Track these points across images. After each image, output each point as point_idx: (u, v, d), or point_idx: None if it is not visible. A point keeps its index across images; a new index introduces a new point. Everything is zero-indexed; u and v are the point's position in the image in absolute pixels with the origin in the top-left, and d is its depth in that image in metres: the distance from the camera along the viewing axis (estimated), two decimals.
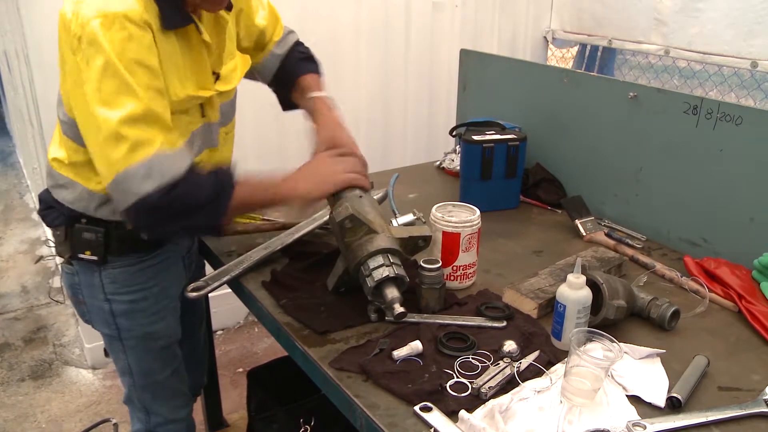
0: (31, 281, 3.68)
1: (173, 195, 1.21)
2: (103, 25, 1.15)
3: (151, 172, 1.19)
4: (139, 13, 1.19)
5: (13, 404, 2.63)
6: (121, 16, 1.16)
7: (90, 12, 1.16)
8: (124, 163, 1.18)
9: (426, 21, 3.11)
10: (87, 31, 1.15)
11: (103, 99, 1.17)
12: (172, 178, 1.21)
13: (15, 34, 2.68)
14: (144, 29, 1.19)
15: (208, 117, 1.43)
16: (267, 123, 2.64)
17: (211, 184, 1.28)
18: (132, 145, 1.18)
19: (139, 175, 1.19)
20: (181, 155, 1.25)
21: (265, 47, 1.66)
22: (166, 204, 1.22)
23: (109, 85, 1.16)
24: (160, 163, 1.20)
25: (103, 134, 1.18)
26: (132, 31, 1.17)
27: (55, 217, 1.45)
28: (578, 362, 1.08)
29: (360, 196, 1.39)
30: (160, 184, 1.20)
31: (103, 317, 1.51)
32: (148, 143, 1.19)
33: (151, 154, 1.19)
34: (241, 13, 1.55)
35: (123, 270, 1.47)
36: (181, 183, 1.22)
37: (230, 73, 1.49)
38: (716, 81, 2.98)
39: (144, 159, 1.18)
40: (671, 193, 1.77)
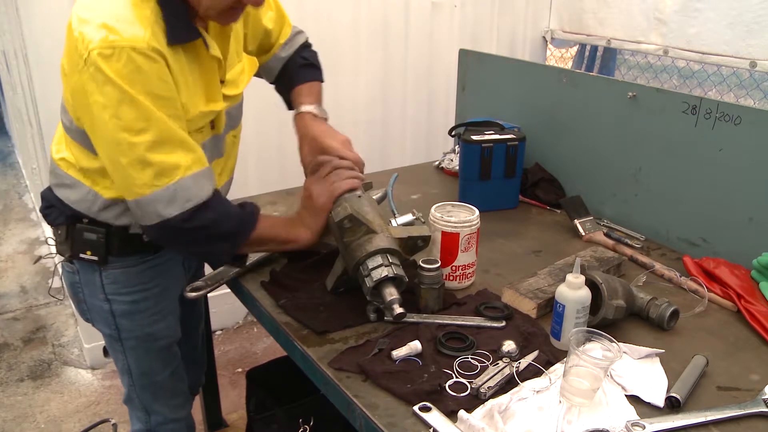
0: (30, 281, 3.67)
1: (197, 221, 1.25)
2: (111, 57, 1.13)
3: (175, 197, 1.22)
4: (146, 41, 1.15)
5: (12, 404, 2.63)
6: (128, 48, 1.13)
7: (96, 40, 1.13)
8: (149, 189, 1.21)
9: (425, 21, 3.11)
10: (94, 59, 1.13)
11: (124, 126, 1.17)
12: (196, 203, 1.24)
13: (14, 34, 2.67)
14: (153, 59, 1.16)
15: (217, 129, 1.43)
16: (267, 122, 2.64)
17: (238, 217, 1.33)
18: (158, 172, 1.20)
19: (164, 200, 1.22)
20: (205, 178, 1.27)
21: (270, 50, 1.65)
22: (188, 228, 1.26)
23: (127, 112, 1.16)
24: (184, 188, 1.23)
25: (128, 159, 1.19)
26: (140, 63, 1.15)
27: (56, 216, 1.44)
28: (577, 362, 1.08)
29: (359, 196, 1.39)
30: (184, 209, 1.23)
31: (103, 317, 1.51)
32: (173, 168, 1.21)
33: (177, 179, 1.22)
34: (249, 15, 1.54)
35: (124, 270, 1.46)
36: (205, 209, 1.26)
37: (237, 77, 1.47)
38: (715, 81, 2.98)
39: (169, 184, 1.21)
40: (670, 193, 1.77)
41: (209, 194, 1.27)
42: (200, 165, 1.26)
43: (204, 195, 1.26)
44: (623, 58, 3.50)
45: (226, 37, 1.40)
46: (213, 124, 1.42)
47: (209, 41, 1.31)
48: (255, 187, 2.49)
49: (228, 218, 1.31)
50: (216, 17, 1.28)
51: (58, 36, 1.27)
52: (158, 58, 1.18)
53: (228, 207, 1.34)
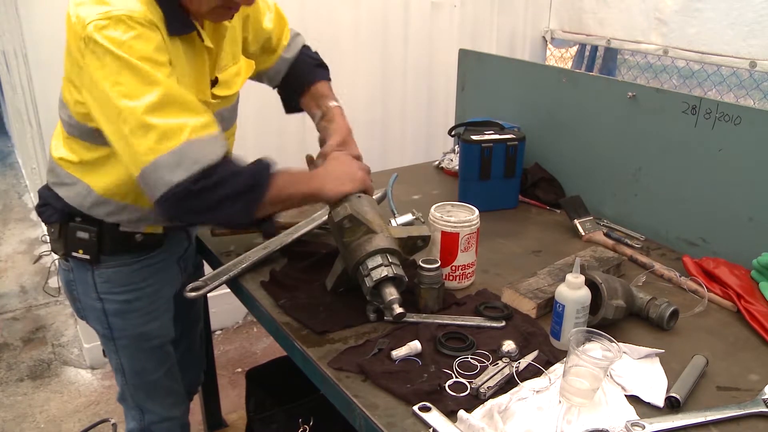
0: (29, 281, 3.67)
1: (208, 183, 1.18)
2: (108, 27, 1.14)
3: (182, 160, 1.16)
4: (143, 13, 1.17)
5: (12, 404, 2.63)
6: (125, 17, 1.15)
7: (93, 14, 1.15)
8: (153, 154, 1.15)
9: (425, 21, 3.11)
10: (93, 33, 1.14)
11: (124, 92, 1.15)
12: (205, 165, 1.18)
13: (14, 33, 2.67)
14: (151, 28, 1.18)
15: None
16: (267, 123, 2.64)
17: (250, 172, 1.25)
18: (161, 134, 1.15)
19: (170, 165, 1.16)
20: (215, 141, 1.21)
21: (274, 51, 1.65)
22: (199, 192, 1.18)
23: (127, 77, 1.14)
24: (191, 150, 1.16)
25: (130, 126, 1.15)
26: (140, 31, 1.16)
27: (50, 214, 1.45)
28: (577, 362, 1.08)
29: (359, 197, 1.39)
30: (192, 172, 1.16)
31: (96, 315, 1.52)
32: (177, 130, 1.16)
33: (182, 142, 1.16)
34: (248, 18, 1.54)
35: (116, 270, 1.46)
36: (215, 171, 1.19)
37: (232, 78, 1.48)
38: (715, 81, 2.98)
39: (174, 147, 1.15)
40: (670, 193, 1.77)
41: (219, 157, 1.20)
42: (209, 129, 1.21)
43: (213, 157, 1.19)
44: (623, 58, 3.50)
45: (220, 36, 1.41)
46: None
47: (203, 34, 1.32)
48: None
49: (239, 176, 1.23)
50: (207, 15, 1.29)
51: (58, 36, 1.27)
52: (155, 29, 1.19)
53: (238, 166, 1.26)
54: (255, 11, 1.56)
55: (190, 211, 1.23)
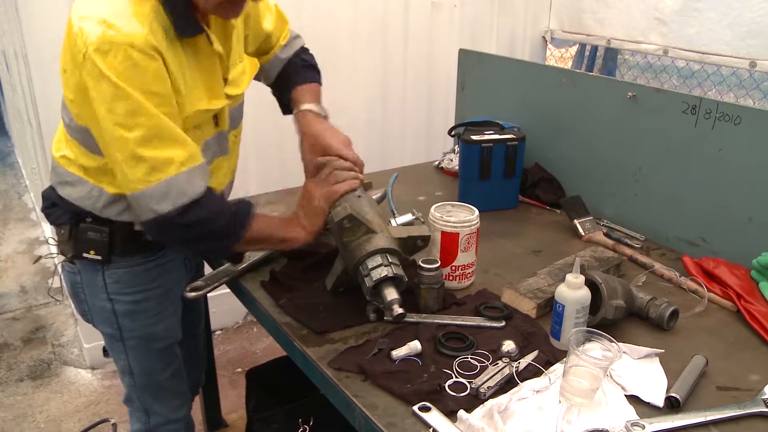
0: (29, 281, 3.67)
1: (190, 217, 1.25)
2: (108, 54, 1.14)
3: (168, 192, 1.22)
4: (144, 37, 1.16)
5: (12, 404, 2.63)
6: (126, 45, 1.14)
7: (94, 36, 1.14)
8: (143, 185, 1.21)
9: (425, 21, 3.11)
10: (91, 55, 1.14)
11: (117, 121, 1.17)
12: (189, 199, 1.24)
13: (14, 33, 2.68)
14: (150, 56, 1.17)
15: (221, 126, 1.44)
16: (266, 122, 2.64)
17: (230, 212, 1.32)
18: (150, 167, 1.20)
19: (156, 196, 1.22)
20: (199, 175, 1.26)
21: (270, 51, 1.65)
22: (182, 224, 1.25)
23: (120, 107, 1.16)
24: (178, 183, 1.22)
25: (123, 154, 1.20)
26: (137, 60, 1.16)
27: (59, 215, 1.44)
28: (577, 362, 1.08)
29: (359, 197, 1.39)
30: (176, 205, 1.23)
31: (105, 317, 1.51)
32: (167, 163, 1.21)
33: (170, 176, 1.21)
34: (249, 17, 1.54)
35: (127, 270, 1.46)
36: (198, 206, 1.25)
37: (239, 77, 1.48)
38: (715, 81, 2.98)
39: (162, 180, 1.21)
40: (670, 193, 1.77)
41: (202, 191, 1.26)
42: (194, 161, 1.26)
43: (197, 191, 1.25)
44: (623, 58, 3.50)
45: (228, 35, 1.40)
46: (216, 121, 1.42)
47: (212, 36, 1.32)
48: (255, 186, 2.49)
49: (221, 216, 1.30)
50: (215, 10, 1.29)
51: (58, 36, 1.27)
52: (155, 56, 1.19)
53: (222, 205, 1.33)
54: (255, 11, 1.56)
55: (170, 239, 1.34)
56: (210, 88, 1.36)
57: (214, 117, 1.41)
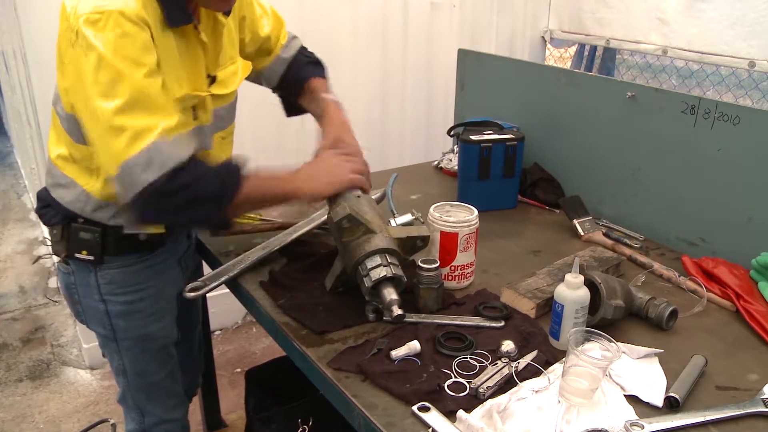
0: (28, 281, 3.67)
1: (176, 184, 1.20)
2: (98, 22, 1.15)
3: (151, 161, 1.17)
4: (136, 11, 1.18)
5: (11, 404, 2.62)
6: (117, 13, 1.16)
7: (87, 7, 1.16)
8: (125, 155, 1.17)
9: (424, 21, 3.11)
10: (82, 26, 1.15)
11: (100, 91, 1.16)
12: (173, 165, 1.19)
13: (12, 33, 2.67)
14: (140, 27, 1.18)
15: (199, 120, 1.42)
16: (266, 123, 2.64)
17: (219, 175, 1.27)
18: (132, 135, 1.16)
19: (140, 165, 1.17)
20: (183, 142, 1.23)
21: (271, 52, 1.66)
22: (169, 193, 1.20)
23: (104, 76, 1.16)
24: (159, 151, 1.18)
25: (103, 126, 1.17)
26: (127, 29, 1.16)
27: (52, 216, 1.44)
28: (576, 362, 1.08)
29: (358, 196, 1.39)
30: (162, 172, 1.18)
31: (98, 317, 1.51)
32: (148, 131, 1.17)
33: (150, 142, 1.17)
34: (245, 20, 1.55)
35: (119, 271, 1.46)
36: (184, 172, 1.20)
37: (229, 77, 1.49)
38: (714, 81, 2.98)
39: (144, 148, 1.17)
40: (669, 193, 1.77)
41: (186, 156, 1.21)
42: (178, 130, 1.22)
43: (181, 156, 1.20)
44: (622, 58, 3.50)
45: (218, 34, 1.42)
46: (195, 114, 1.41)
47: (200, 27, 1.33)
48: None
49: (209, 177, 1.25)
50: (208, 3, 1.30)
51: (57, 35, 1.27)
52: (145, 27, 1.19)
53: (208, 167, 1.28)
54: (251, 13, 1.56)
55: (160, 210, 1.25)
56: (192, 78, 1.36)
57: (193, 109, 1.39)
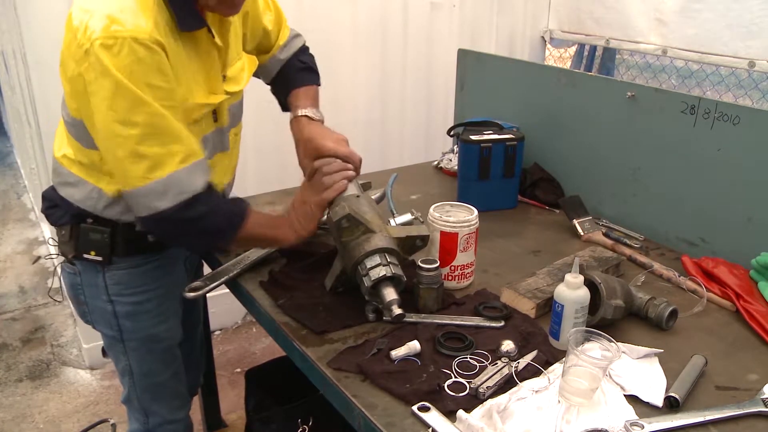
0: (28, 281, 3.67)
1: (191, 213, 1.26)
2: (112, 49, 1.13)
3: (167, 190, 1.22)
4: (148, 32, 1.16)
5: (11, 405, 2.62)
6: (130, 39, 1.14)
7: (98, 29, 1.13)
8: (143, 181, 1.21)
9: (424, 21, 3.11)
10: (94, 50, 1.13)
11: (118, 118, 1.17)
12: (189, 195, 1.24)
13: (12, 33, 2.67)
14: (154, 51, 1.17)
15: (220, 122, 1.44)
16: (265, 122, 2.64)
17: (226, 213, 1.34)
18: (151, 165, 1.20)
19: (155, 193, 1.22)
20: (199, 170, 1.27)
21: (269, 50, 1.66)
22: (179, 220, 1.26)
23: (121, 103, 1.16)
24: (177, 181, 1.23)
25: (123, 151, 1.20)
26: (141, 55, 1.15)
27: (60, 216, 1.43)
28: (576, 362, 1.08)
29: (357, 196, 1.39)
30: (176, 202, 1.23)
31: (105, 318, 1.51)
32: (167, 159, 1.21)
33: (170, 172, 1.21)
34: (248, 15, 1.54)
35: (127, 271, 1.46)
36: (197, 203, 1.26)
37: (238, 74, 1.49)
38: (714, 81, 2.98)
39: (163, 177, 1.21)
40: (669, 193, 1.77)
41: (202, 187, 1.26)
42: (195, 157, 1.26)
43: (197, 187, 1.25)
44: (622, 58, 3.50)
45: (226, 31, 1.41)
46: (216, 116, 1.42)
47: (214, 31, 1.33)
48: (254, 187, 2.48)
49: (218, 214, 1.32)
50: (216, 7, 1.30)
51: (57, 36, 1.27)
52: (159, 50, 1.19)
53: (219, 202, 1.35)
54: (254, 9, 1.56)
55: (168, 234, 1.36)
56: (209, 82, 1.36)
57: (213, 112, 1.41)
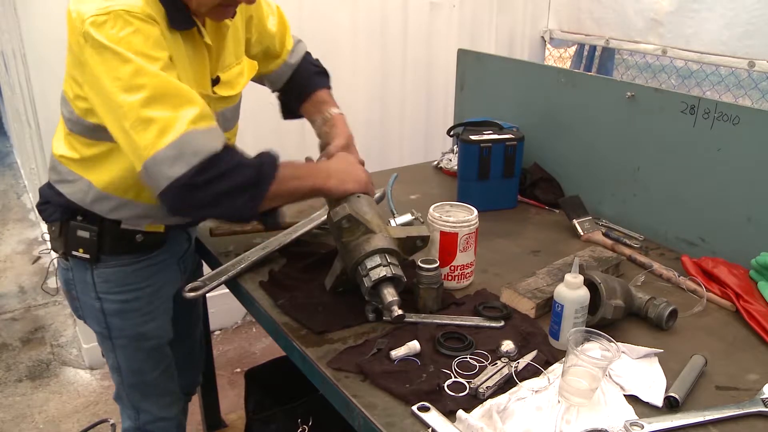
0: (28, 281, 3.67)
1: (209, 176, 1.17)
2: (106, 23, 1.14)
3: (182, 152, 1.14)
4: (141, 8, 1.18)
5: (11, 405, 2.62)
6: (124, 12, 1.15)
7: (92, 10, 1.15)
8: (153, 148, 1.14)
9: (423, 21, 3.11)
10: (90, 29, 1.14)
11: (123, 86, 1.15)
12: (205, 156, 1.16)
13: (12, 33, 2.67)
14: (149, 23, 1.18)
15: None
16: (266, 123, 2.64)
17: (253, 164, 1.24)
18: (161, 127, 1.14)
19: (170, 158, 1.14)
20: (214, 132, 1.21)
21: (278, 56, 1.66)
22: (200, 184, 1.17)
23: (124, 71, 1.14)
24: (191, 142, 1.15)
25: (130, 120, 1.15)
26: (137, 26, 1.16)
27: (51, 212, 1.44)
28: (576, 362, 1.08)
29: (358, 197, 1.39)
30: (192, 165, 1.15)
31: (94, 315, 1.51)
32: (176, 121, 1.15)
33: (181, 134, 1.14)
34: (252, 20, 1.55)
35: (116, 270, 1.46)
36: (217, 162, 1.17)
37: (234, 79, 1.48)
38: (713, 81, 2.98)
39: (174, 140, 1.14)
40: (669, 193, 1.77)
41: (219, 147, 1.18)
42: (209, 121, 1.20)
43: (213, 147, 1.17)
44: (621, 58, 3.50)
45: (221, 35, 1.41)
46: None
47: (203, 31, 1.33)
48: None
49: (243, 168, 1.22)
50: (207, 13, 1.30)
51: (57, 36, 1.28)
52: (154, 23, 1.19)
53: (242, 157, 1.24)
54: (258, 13, 1.56)
55: (193, 204, 1.21)
56: (197, 81, 1.36)
57: None
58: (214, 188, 1.18)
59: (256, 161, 1.25)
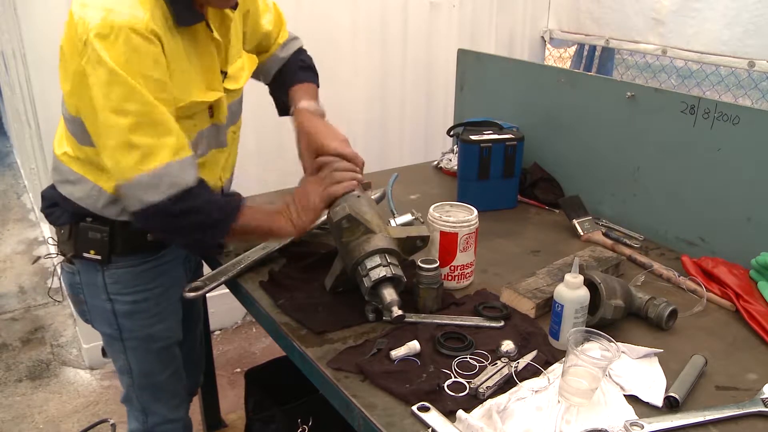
0: (28, 282, 3.67)
1: (183, 206, 1.24)
2: (108, 38, 1.14)
3: (159, 182, 1.21)
4: (145, 22, 1.17)
5: (11, 405, 2.62)
6: (127, 28, 1.15)
7: (96, 20, 1.15)
8: (134, 172, 1.20)
9: (423, 21, 3.11)
10: (92, 40, 1.14)
11: (112, 107, 1.17)
12: (181, 188, 1.23)
13: (12, 34, 2.67)
14: (150, 41, 1.18)
15: (217, 118, 1.43)
16: (266, 124, 2.64)
17: (220, 205, 1.32)
18: (143, 154, 1.19)
19: (147, 185, 1.21)
20: (191, 166, 1.26)
21: (268, 49, 1.66)
22: (171, 215, 1.24)
23: (116, 92, 1.16)
24: (170, 173, 1.21)
25: (115, 141, 1.19)
26: (137, 44, 1.16)
27: (59, 215, 1.44)
28: (576, 362, 1.08)
29: (358, 196, 1.39)
30: (167, 195, 1.21)
31: (104, 317, 1.51)
32: (159, 151, 1.20)
33: (162, 165, 1.20)
34: (249, 14, 1.55)
35: (126, 270, 1.46)
36: (189, 196, 1.24)
37: (238, 72, 1.49)
38: (713, 81, 2.98)
39: (153, 169, 1.20)
40: (669, 193, 1.77)
41: (194, 181, 1.25)
42: (186, 152, 1.25)
43: (188, 181, 1.24)
44: (621, 58, 3.50)
45: (226, 28, 1.41)
46: (212, 112, 1.42)
47: (212, 25, 1.33)
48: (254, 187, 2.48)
49: (212, 205, 1.30)
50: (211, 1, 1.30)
51: (57, 36, 1.27)
52: (155, 41, 1.19)
53: (212, 196, 1.33)
54: (255, 8, 1.56)
55: (160, 229, 1.32)
56: (207, 79, 1.36)
57: (210, 108, 1.40)
58: (183, 220, 1.27)
59: (222, 202, 1.34)
